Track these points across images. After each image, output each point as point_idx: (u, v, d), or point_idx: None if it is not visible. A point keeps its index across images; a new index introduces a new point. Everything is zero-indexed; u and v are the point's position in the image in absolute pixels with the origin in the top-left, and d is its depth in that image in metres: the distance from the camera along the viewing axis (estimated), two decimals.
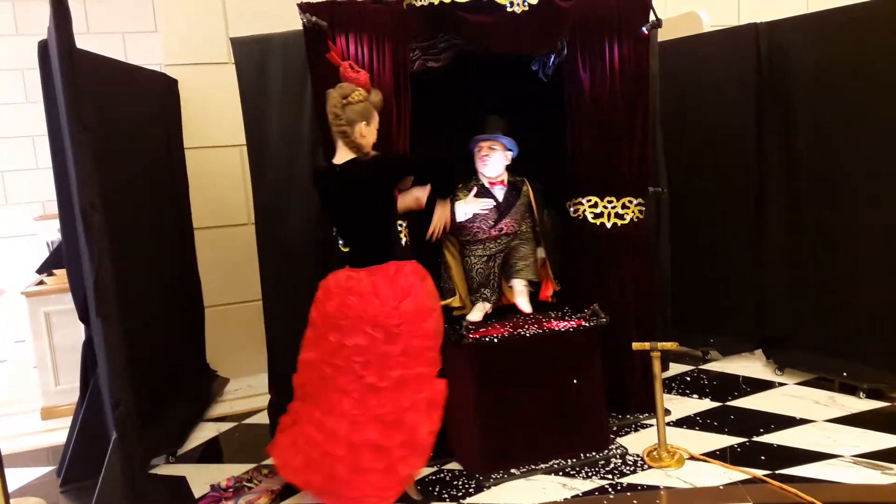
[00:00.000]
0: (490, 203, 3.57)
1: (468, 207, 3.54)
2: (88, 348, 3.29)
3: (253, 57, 3.51)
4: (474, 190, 3.58)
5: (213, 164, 4.64)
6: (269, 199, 3.57)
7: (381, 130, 3.27)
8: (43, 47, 3.00)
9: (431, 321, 2.96)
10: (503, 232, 3.61)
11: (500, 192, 3.61)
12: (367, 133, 3.00)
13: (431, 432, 2.91)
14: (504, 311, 3.71)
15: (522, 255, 3.67)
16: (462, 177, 3.63)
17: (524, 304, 3.63)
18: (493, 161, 3.56)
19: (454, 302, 3.65)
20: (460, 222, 3.58)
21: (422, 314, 2.95)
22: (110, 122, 3.34)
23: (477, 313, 3.62)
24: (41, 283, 4.56)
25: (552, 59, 3.70)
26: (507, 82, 3.78)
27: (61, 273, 4.35)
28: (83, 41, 3.12)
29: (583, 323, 3.41)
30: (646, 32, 3.57)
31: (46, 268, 4.60)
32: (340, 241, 3.34)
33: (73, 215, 2.87)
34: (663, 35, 3.94)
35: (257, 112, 3.53)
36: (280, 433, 3.07)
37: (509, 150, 3.61)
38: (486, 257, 3.62)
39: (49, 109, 3.04)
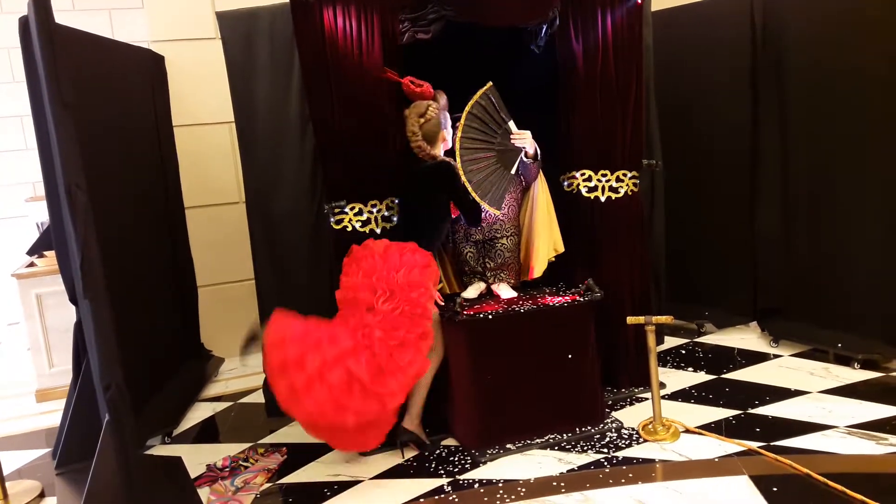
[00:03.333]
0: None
1: None
2: (80, 330, 3.27)
3: (240, 32, 3.45)
4: None
5: (203, 141, 4.59)
6: (259, 177, 3.53)
7: (373, 105, 3.24)
8: (24, 24, 2.93)
9: (419, 294, 3.04)
10: (482, 218, 3.51)
11: None
12: (448, 136, 3.36)
13: (401, 401, 3.01)
14: None
15: (502, 261, 3.57)
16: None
17: (506, 293, 3.56)
18: None
19: (444, 289, 3.62)
20: None
21: (412, 286, 3.04)
22: (95, 100, 3.29)
23: (472, 291, 3.60)
24: (32, 264, 4.53)
25: (544, 30, 3.64)
26: (498, 54, 3.72)
27: (52, 254, 4.32)
28: (69, 18, 3.07)
29: (577, 298, 3.39)
30: (639, 2, 3.52)
31: (37, 249, 4.57)
32: (332, 219, 3.31)
33: (59, 196, 2.83)
34: (656, 4, 3.89)
35: (245, 88, 3.47)
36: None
37: None
38: (474, 244, 3.58)
39: (32, 88, 2.99)
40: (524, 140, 3.41)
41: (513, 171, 3.44)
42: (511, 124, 3.41)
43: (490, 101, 3.37)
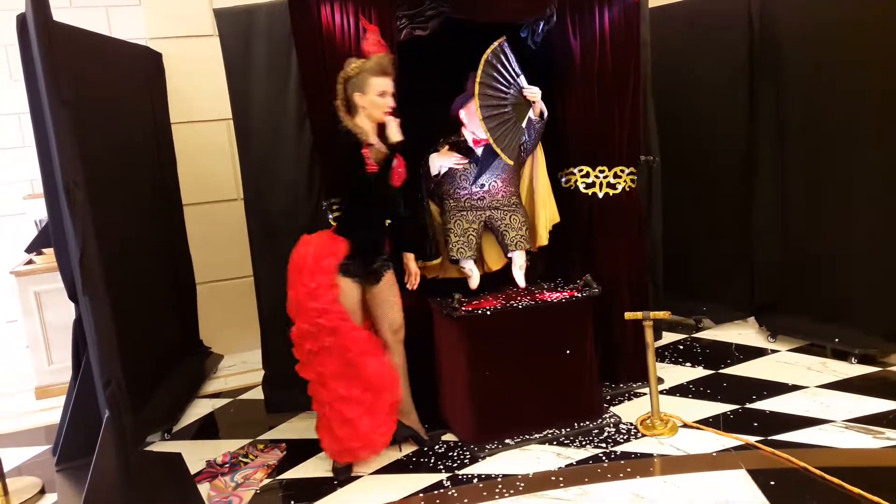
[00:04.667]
0: (465, 159, 3.47)
1: (442, 160, 3.47)
2: (79, 327, 3.28)
3: (237, 29, 3.45)
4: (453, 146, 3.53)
5: (201, 138, 4.58)
6: (257, 174, 3.53)
7: None
8: (21, 21, 2.93)
9: (326, 319, 3.00)
10: (485, 190, 3.51)
11: (480, 150, 3.50)
12: (366, 103, 2.98)
13: (382, 363, 3.09)
14: (498, 281, 3.69)
15: (516, 225, 3.55)
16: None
17: (520, 279, 3.57)
18: None
19: (427, 269, 3.59)
20: (434, 177, 3.52)
21: (319, 312, 3.00)
22: (93, 97, 3.29)
23: (474, 280, 3.58)
24: (30, 262, 4.53)
25: (541, 26, 3.64)
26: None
27: (50, 252, 4.32)
28: (65, 15, 3.07)
29: (575, 294, 3.40)
30: None
31: (35, 247, 4.56)
32: (330, 216, 3.31)
33: (57, 193, 2.83)
34: (654, 1, 3.89)
35: (243, 85, 3.47)
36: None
37: None
38: (467, 217, 3.54)
39: (30, 85, 2.98)
40: (535, 95, 3.42)
41: (523, 125, 3.43)
42: (522, 79, 3.42)
43: (504, 53, 3.38)
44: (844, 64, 3.83)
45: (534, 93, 3.42)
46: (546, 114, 3.50)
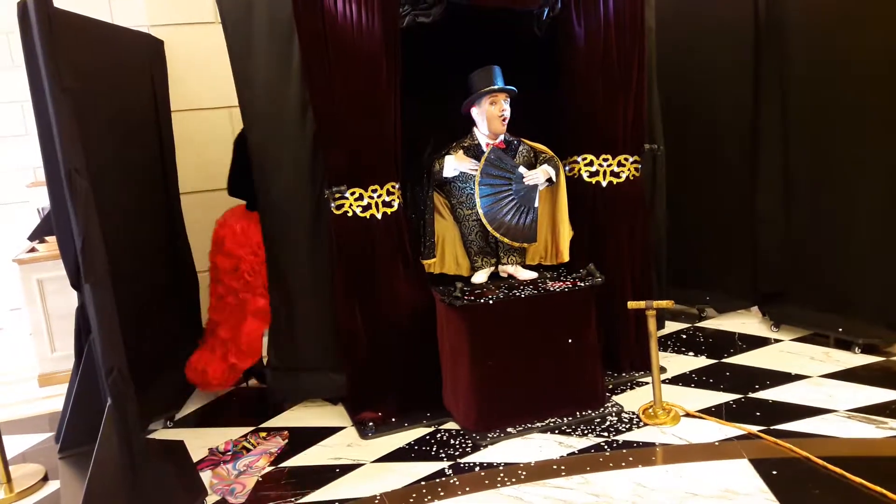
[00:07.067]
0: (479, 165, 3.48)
1: (459, 164, 3.48)
2: (81, 315, 3.28)
3: (239, 15, 3.43)
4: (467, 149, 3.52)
5: (202, 126, 4.56)
6: (259, 162, 3.52)
7: (373, 89, 3.22)
8: (22, 8, 2.91)
9: None
10: None
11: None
12: None
13: None
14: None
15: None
16: None
17: (524, 276, 3.59)
18: (508, 116, 3.50)
19: (433, 266, 3.60)
20: (446, 178, 3.52)
21: None
22: (94, 85, 3.27)
23: (482, 275, 3.60)
24: (33, 250, 4.54)
25: (546, 13, 3.61)
26: (500, 38, 3.69)
27: (53, 240, 4.33)
28: (67, 2, 3.04)
29: (578, 283, 3.39)
30: None
31: (38, 234, 4.57)
32: (333, 204, 3.30)
33: (59, 181, 2.82)
34: None
35: (244, 72, 3.46)
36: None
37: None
38: (480, 223, 3.57)
39: (31, 72, 2.96)
40: (536, 178, 3.50)
41: (536, 205, 3.53)
42: (521, 169, 3.49)
43: (493, 161, 3.46)
44: (850, 49, 3.79)
45: (536, 178, 3.50)
46: (554, 175, 3.55)
